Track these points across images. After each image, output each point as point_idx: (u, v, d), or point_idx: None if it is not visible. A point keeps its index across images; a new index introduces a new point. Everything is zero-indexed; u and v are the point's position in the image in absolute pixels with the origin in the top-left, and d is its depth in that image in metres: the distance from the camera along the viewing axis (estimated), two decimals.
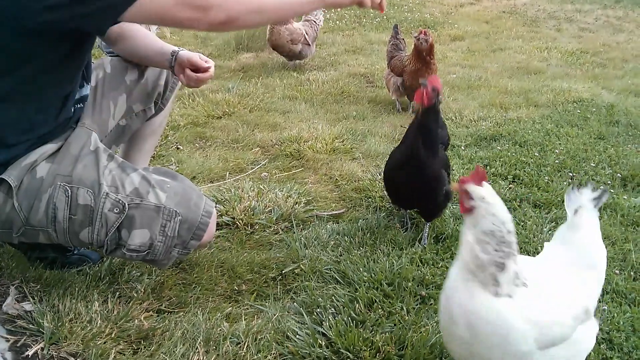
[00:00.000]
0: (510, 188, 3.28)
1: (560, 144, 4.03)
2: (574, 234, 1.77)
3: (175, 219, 1.95)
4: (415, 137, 2.53)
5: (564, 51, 7.39)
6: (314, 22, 5.79)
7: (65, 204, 1.87)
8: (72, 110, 2.02)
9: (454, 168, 3.38)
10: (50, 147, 1.93)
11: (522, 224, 2.87)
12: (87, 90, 2.13)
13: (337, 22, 8.20)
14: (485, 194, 1.56)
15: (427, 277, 2.35)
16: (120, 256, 2.01)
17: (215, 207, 2.29)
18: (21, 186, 1.86)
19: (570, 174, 3.51)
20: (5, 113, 1.83)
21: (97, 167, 1.93)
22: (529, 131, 4.24)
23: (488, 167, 3.49)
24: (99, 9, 1.69)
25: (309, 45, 5.67)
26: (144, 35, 2.29)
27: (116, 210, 1.89)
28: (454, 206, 2.90)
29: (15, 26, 1.67)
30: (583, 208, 1.75)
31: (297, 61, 5.83)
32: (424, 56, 4.32)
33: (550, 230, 2.81)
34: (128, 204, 1.90)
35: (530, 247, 2.65)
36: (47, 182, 1.88)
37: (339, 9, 8.82)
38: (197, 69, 2.25)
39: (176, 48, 2.27)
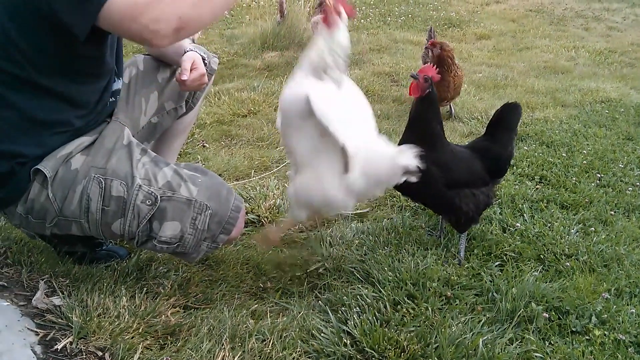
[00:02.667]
0: (537, 189, 3.24)
1: (588, 144, 3.98)
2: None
3: (205, 212, 1.98)
4: (409, 130, 2.45)
5: (592, 50, 7.28)
6: None
7: (99, 195, 1.91)
8: (107, 103, 2.07)
9: None
10: (85, 140, 1.98)
11: (549, 225, 2.83)
12: (119, 84, 2.16)
13: (362, 20, 8.17)
14: (347, 20, 2.05)
15: (452, 277, 2.33)
16: (151, 248, 2.04)
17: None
18: (56, 177, 1.90)
19: (598, 175, 3.46)
20: (40, 107, 1.87)
21: (131, 160, 1.98)
22: (556, 131, 4.19)
23: (515, 167, 3.45)
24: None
25: None
26: None
27: (148, 202, 1.93)
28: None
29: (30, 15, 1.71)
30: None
31: None
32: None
33: (577, 232, 2.78)
34: (160, 197, 1.94)
35: (557, 248, 2.61)
36: (81, 174, 1.92)
37: (363, 7, 8.79)
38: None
39: (189, 47, 2.24)
